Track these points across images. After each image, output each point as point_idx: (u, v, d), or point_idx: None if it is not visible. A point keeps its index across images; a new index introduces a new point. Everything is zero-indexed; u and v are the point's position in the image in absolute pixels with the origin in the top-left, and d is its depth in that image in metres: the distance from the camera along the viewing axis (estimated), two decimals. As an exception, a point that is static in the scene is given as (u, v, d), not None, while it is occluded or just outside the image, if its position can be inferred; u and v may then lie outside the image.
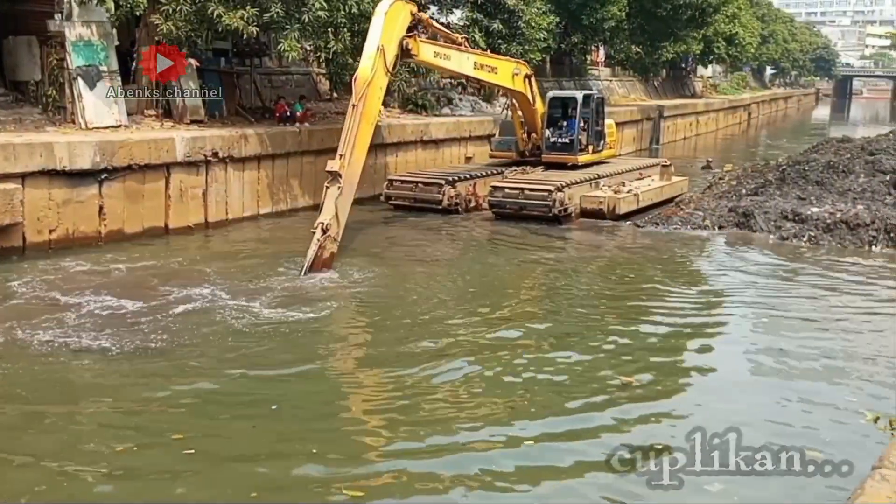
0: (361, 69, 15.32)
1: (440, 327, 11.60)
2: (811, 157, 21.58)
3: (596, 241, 18.10)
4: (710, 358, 10.82)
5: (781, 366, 10.14)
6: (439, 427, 8.24)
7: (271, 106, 21.58)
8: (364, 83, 15.05)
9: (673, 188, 22.70)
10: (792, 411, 8.67)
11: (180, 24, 17.55)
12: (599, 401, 8.96)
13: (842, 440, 7.69)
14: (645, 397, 9.08)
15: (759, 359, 10.46)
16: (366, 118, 15.14)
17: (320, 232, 13.98)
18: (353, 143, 14.72)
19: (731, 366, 10.34)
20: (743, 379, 9.81)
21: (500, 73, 20.42)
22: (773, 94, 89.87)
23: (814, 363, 10.24)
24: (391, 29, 15.89)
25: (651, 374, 9.87)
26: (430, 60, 18.02)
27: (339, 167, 14.45)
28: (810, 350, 10.74)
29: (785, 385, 9.47)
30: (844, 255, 16.17)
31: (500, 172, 21.54)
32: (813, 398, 9.04)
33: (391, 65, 15.95)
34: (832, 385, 9.53)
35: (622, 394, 9.15)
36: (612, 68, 49.40)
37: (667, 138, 44.11)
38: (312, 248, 13.89)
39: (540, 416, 8.47)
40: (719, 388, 9.62)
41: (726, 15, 51.94)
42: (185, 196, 17.17)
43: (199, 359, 9.93)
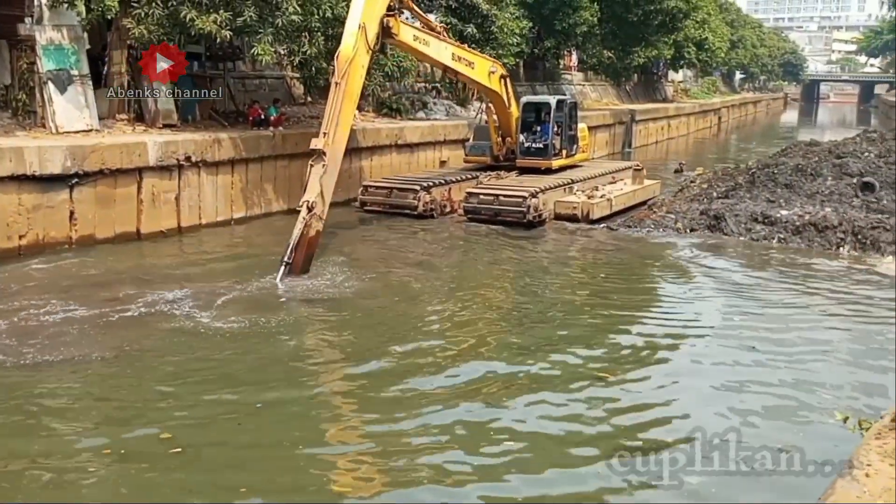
0: (343, 46, 15.28)
1: (418, 330, 11.68)
2: (780, 161, 21.89)
3: (570, 245, 18.23)
4: (684, 357, 10.97)
5: (754, 365, 10.32)
6: (424, 431, 8.30)
7: (245, 110, 21.46)
8: (346, 61, 15.05)
9: (645, 191, 22.91)
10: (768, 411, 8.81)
11: (152, 28, 17.41)
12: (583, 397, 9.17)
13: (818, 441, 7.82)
14: (624, 396, 9.27)
15: (732, 356, 10.63)
16: (348, 96, 15.14)
17: (306, 210, 14.00)
18: (336, 121, 14.77)
19: (703, 365, 10.48)
20: (715, 380, 9.94)
21: (476, 69, 20.46)
22: (743, 99, 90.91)
23: (785, 362, 10.42)
24: (372, 6, 15.86)
25: (627, 371, 10.10)
26: (409, 43, 17.89)
27: (324, 145, 14.47)
28: (781, 349, 10.93)
29: (757, 387, 9.62)
30: (811, 256, 16.41)
31: (474, 177, 21.59)
32: (788, 397, 9.21)
33: (373, 42, 15.92)
34: (806, 388, 9.68)
35: (602, 389, 9.40)
36: (585, 73, 49.70)
37: (639, 142, 44.47)
38: (298, 226, 13.90)
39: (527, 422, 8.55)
40: (698, 389, 9.74)
41: (696, 20, 52.49)
42: (157, 201, 17.03)
43: (164, 365, 9.91)
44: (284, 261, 13.71)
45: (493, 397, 9.19)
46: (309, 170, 14.63)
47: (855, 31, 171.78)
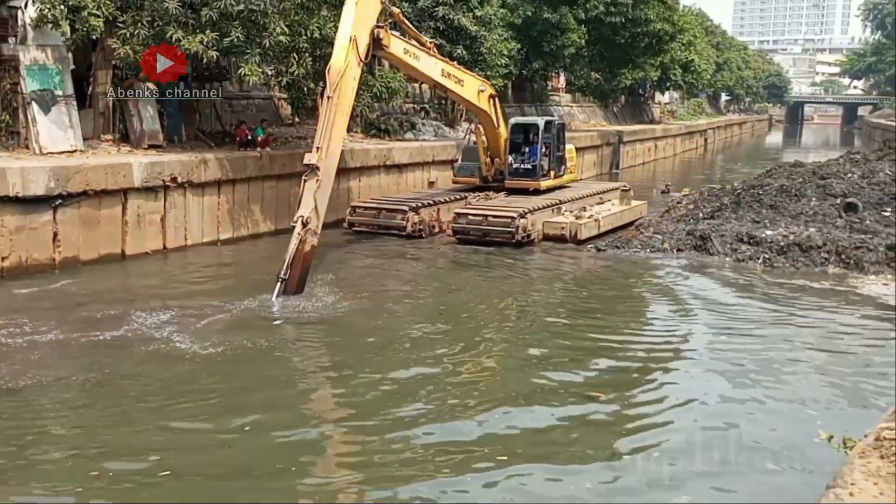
0: (334, 60, 15.24)
1: (408, 351, 11.60)
2: (765, 182, 22.00)
3: (558, 266, 18.22)
4: (674, 375, 10.94)
5: (740, 382, 10.31)
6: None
7: (232, 130, 21.44)
8: (338, 74, 15.02)
9: (633, 212, 22.98)
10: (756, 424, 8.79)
11: (138, 49, 17.40)
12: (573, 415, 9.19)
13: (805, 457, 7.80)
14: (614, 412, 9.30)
15: (719, 374, 10.62)
16: (341, 109, 15.10)
17: (300, 226, 13.95)
18: (329, 135, 14.71)
19: (694, 383, 10.46)
20: (705, 395, 9.92)
21: (465, 87, 20.53)
22: (729, 120, 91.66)
23: (773, 379, 10.42)
24: (363, 18, 15.86)
25: (617, 390, 10.12)
26: (399, 56, 17.88)
27: (317, 160, 14.39)
28: (768, 366, 10.94)
29: (746, 400, 9.61)
30: (796, 276, 16.45)
31: (463, 198, 21.62)
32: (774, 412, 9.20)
33: (364, 54, 15.93)
34: (794, 402, 9.67)
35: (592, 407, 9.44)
36: (573, 94, 50.05)
37: (626, 163, 44.69)
38: (293, 242, 13.86)
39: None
40: (685, 404, 9.72)
41: (682, 43, 53.10)
42: (142, 222, 16.94)
43: (149, 388, 9.80)
44: (281, 277, 13.63)
45: (484, 417, 9.14)
46: (303, 185, 14.55)
47: (838, 53, 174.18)
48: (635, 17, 39.33)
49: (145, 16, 17.55)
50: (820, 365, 11.20)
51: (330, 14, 19.07)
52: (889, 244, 16.76)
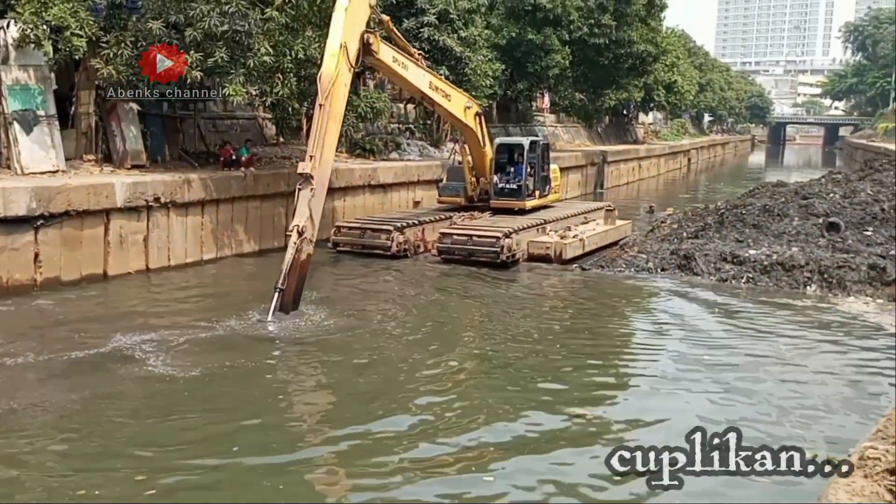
0: (325, 67, 15.21)
1: (395, 370, 11.57)
2: (748, 202, 22.14)
3: (543, 285, 18.20)
4: (657, 394, 10.93)
5: (722, 400, 10.31)
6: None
7: (216, 150, 21.39)
8: (329, 81, 15.00)
9: (617, 231, 23.06)
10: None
11: (121, 69, 17.37)
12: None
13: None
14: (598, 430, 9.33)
15: (704, 394, 10.62)
16: (333, 117, 15.10)
17: (296, 235, 13.97)
18: (322, 143, 14.73)
19: (676, 402, 10.45)
20: (685, 413, 9.90)
21: (452, 102, 20.56)
22: (712, 141, 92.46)
23: (756, 399, 10.42)
24: (352, 24, 15.83)
25: (602, 408, 10.18)
26: (388, 63, 17.84)
27: (311, 169, 14.39)
28: (751, 386, 10.95)
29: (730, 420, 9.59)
30: (779, 295, 16.51)
31: (448, 217, 21.63)
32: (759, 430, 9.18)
33: (354, 60, 15.90)
34: (777, 422, 9.67)
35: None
36: (557, 114, 50.35)
37: (610, 183, 44.92)
38: (289, 252, 13.90)
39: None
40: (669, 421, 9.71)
41: (665, 64, 53.66)
42: (125, 242, 16.81)
43: (133, 409, 9.68)
44: (278, 287, 13.63)
45: (473, 437, 9.18)
46: (297, 193, 14.55)
47: (819, 74, 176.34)
48: (619, 38, 39.73)
49: (129, 36, 17.55)
50: (803, 384, 11.22)
51: (315, 34, 19.11)
52: (871, 263, 16.86)
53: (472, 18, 30.10)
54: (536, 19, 35.78)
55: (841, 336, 13.76)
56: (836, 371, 11.87)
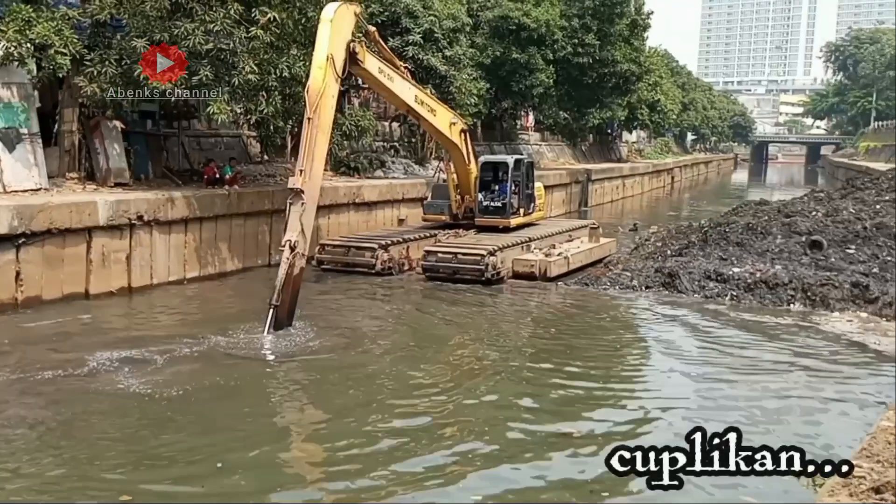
0: (313, 80, 15.20)
1: (380, 388, 11.52)
2: (731, 220, 22.28)
3: (528, 303, 18.22)
4: (640, 413, 10.93)
5: (711, 421, 10.28)
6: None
7: (200, 168, 21.31)
8: (317, 94, 15.00)
9: (602, 249, 23.12)
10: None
11: (105, 87, 17.31)
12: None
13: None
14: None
15: (689, 412, 10.62)
16: (322, 129, 15.13)
17: (288, 250, 14.01)
18: (311, 156, 14.77)
19: (662, 420, 10.45)
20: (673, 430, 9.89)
21: (438, 117, 20.57)
22: (695, 159, 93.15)
23: (739, 417, 10.42)
24: (338, 33, 15.80)
25: (590, 425, 10.19)
26: (374, 74, 17.77)
27: (301, 183, 14.43)
28: (733, 402, 10.98)
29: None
30: (763, 313, 16.57)
31: (433, 235, 21.61)
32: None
33: (341, 70, 15.92)
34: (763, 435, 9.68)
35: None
36: (542, 133, 50.62)
37: (595, 201, 45.09)
38: (283, 267, 13.95)
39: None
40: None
41: (649, 83, 54.13)
42: (107, 260, 16.67)
43: (115, 428, 9.56)
44: (272, 304, 13.64)
45: (458, 451, 9.23)
46: (288, 208, 14.58)
47: (801, 94, 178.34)
48: (602, 57, 40.07)
49: (113, 54, 17.50)
50: (788, 402, 11.24)
51: (300, 53, 19.13)
52: (853, 281, 16.97)
53: (457, 38, 30.24)
54: (521, 39, 36.02)
55: (826, 354, 13.82)
56: (821, 389, 11.90)
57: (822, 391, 11.79)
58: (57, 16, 17.07)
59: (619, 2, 39.59)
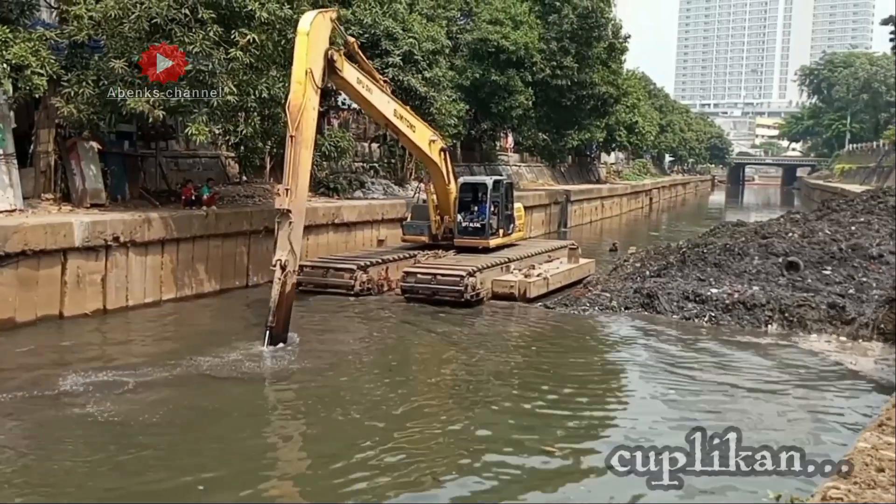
0: (293, 96, 15.21)
1: (359, 406, 11.46)
2: (709, 241, 22.40)
3: (507, 324, 18.19)
4: (622, 432, 10.91)
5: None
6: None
7: (177, 189, 21.16)
8: (297, 110, 15.05)
9: (581, 270, 23.17)
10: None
11: (82, 108, 17.19)
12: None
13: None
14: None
15: (669, 431, 10.63)
16: (304, 144, 15.23)
17: (279, 270, 14.45)
18: (296, 173, 14.94)
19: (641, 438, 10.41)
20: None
21: (417, 133, 20.54)
22: (673, 181, 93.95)
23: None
24: (315, 44, 15.75)
25: (571, 444, 10.25)
26: (353, 84, 17.71)
27: (288, 204, 14.66)
28: (714, 423, 10.97)
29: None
30: (741, 334, 16.62)
31: (412, 256, 21.54)
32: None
33: (320, 80, 15.95)
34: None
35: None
36: (521, 154, 50.86)
37: (574, 222, 45.29)
38: (275, 288, 14.41)
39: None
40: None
41: (626, 105, 54.65)
42: (82, 282, 16.47)
43: (89, 452, 9.39)
44: (268, 325, 14.15)
45: (442, 471, 9.28)
46: (276, 227, 14.94)
47: (777, 116, 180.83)
48: (581, 80, 40.39)
49: (90, 75, 17.40)
50: (766, 420, 11.26)
51: (279, 74, 19.12)
52: (830, 302, 17.09)
53: (437, 59, 30.39)
54: (500, 61, 36.26)
55: (803, 375, 13.88)
56: (796, 410, 11.95)
57: (798, 412, 11.83)
58: (34, 36, 16.98)
59: (596, 25, 39.96)
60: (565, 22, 38.63)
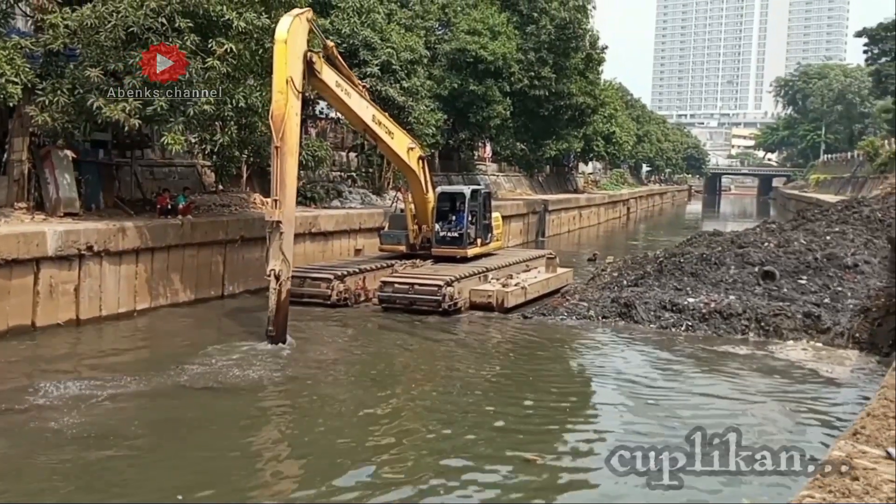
0: (275, 106, 15.34)
1: (337, 416, 11.39)
2: (686, 250, 22.53)
3: (485, 334, 18.16)
4: (601, 441, 10.93)
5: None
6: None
7: (153, 198, 20.97)
8: (280, 119, 15.22)
9: (559, 279, 23.22)
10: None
11: (57, 116, 17.01)
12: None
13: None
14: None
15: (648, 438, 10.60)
16: (290, 153, 15.56)
17: (274, 280, 15.12)
18: (284, 183, 15.33)
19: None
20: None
21: (395, 140, 20.52)
22: (650, 190, 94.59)
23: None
24: (293, 49, 15.77)
25: (551, 453, 10.35)
26: (331, 87, 17.67)
27: (277, 215, 15.16)
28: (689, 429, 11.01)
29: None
30: (717, 343, 16.71)
31: (390, 265, 21.47)
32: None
33: (300, 86, 16.07)
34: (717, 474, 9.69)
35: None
36: (499, 164, 50.97)
37: (552, 231, 45.44)
38: (272, 297, 15.14)
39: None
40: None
41: (604, 116, 54.97)
42: (55, 292, 16.25)
43: (60, 465, 9.26)
44: (268, 333, 15.09)
45: (426, 483, 9.19)
46: (268, 238, 15.57)
47: (752, 127, 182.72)
48: (558, 90, 40.58)
49: (66, 83, 17.23)
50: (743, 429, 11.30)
51: (256, 83, 19.03)
52: (805, 311, 17.23)
53: (415, 69, 30.43)
54: (478, 71, 36.37)
55: (779, 382, 13.96)
56: (774, 418, 12.01)
57: (773, 421, 11.88)
58: (9, 45, 16.79)
59: (574, 36, 40.18)
60: (543, 33, 38.82)
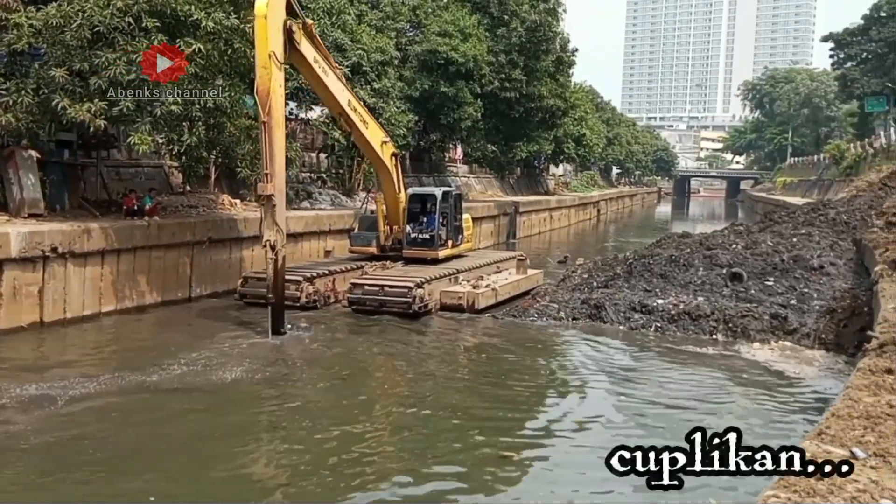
0: (260, 81, 15.82)
1: (306, 414, 11.32)
2: (655, 252, 22.68)
3: (455, 335, 18.12)
4: (571, 440, 10.97)
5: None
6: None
7: (119, 199, 20.67)
8: (266, 93, 15.65)
9: (529, 281, 23.25)
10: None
11: (21, 116, 16.73)
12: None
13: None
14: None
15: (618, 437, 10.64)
16: (277, 126, 16.03)
17: (270, 250, 16.17)
18: (273, 156, 15.90)
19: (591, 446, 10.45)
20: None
21: (370, 131, 20.53)
22: (620, 192, 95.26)
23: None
24: (274, 24, 16.01)
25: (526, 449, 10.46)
26: (310, 62, 17.69)
27: (270, 189, 15.85)
28: (659, 427, 11.10)
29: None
30: (686, 343, 16.83)
31: (360, 267, 21.38)
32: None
33: (282, 57, 16.40)
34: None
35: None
36: (470, 165, 51.04)
37: (522, 233, 45.55)
38: (269, 266, 16.29)
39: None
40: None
41: (574, 118, 55.25)
42: (18, 294, 15.97)
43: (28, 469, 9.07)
44: (269, 301, 16.12)
45: (404, 479, 9.26)
46: (261, 210, 16.43)
47: (721, 130, 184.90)
48: (529, 92, 40.69)
49: (30, 83, 16.97)
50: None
51: (225, 84, 18.85)
52: (772, 313, 17.40)
53: (385, 70, 30.36)
54: (449, 73, 36.36)
55: (745, 383, 14.09)
56: (742, 418, 12.11)
57: (740, 421, 11.95)
58: (-29, 44, 16.49)
59: (544, 39, 40.30)
60: (514, 35, 38.91)
